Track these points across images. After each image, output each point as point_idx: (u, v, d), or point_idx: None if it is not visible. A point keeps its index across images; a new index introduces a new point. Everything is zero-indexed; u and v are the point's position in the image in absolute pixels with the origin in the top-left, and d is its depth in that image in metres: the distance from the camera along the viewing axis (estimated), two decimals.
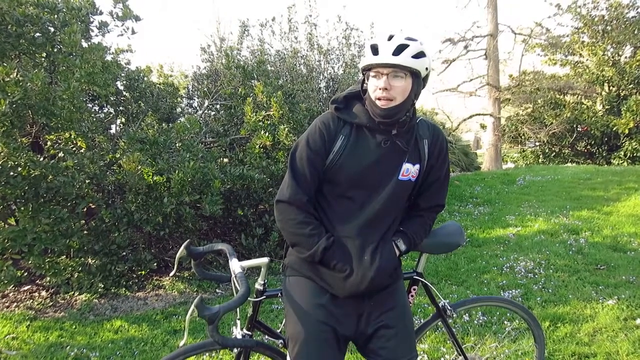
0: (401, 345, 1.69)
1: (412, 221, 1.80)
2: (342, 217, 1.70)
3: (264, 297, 1.81)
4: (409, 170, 1.69)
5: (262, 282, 1.81)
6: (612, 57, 15.40)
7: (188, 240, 1.78)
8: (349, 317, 1.69)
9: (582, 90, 16.01)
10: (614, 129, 13.96)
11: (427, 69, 1.64)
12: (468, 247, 5.29)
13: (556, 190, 8.38)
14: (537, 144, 16.90)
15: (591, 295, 3.76)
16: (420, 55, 1.59)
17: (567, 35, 16.11)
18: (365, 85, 1.68)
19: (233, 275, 1.65)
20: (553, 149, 16.62)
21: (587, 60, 15.91)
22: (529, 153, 17.74)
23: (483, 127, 17.06)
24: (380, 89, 1.58)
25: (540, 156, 17.09)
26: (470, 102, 16.26)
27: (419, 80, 1.63)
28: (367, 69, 1.63)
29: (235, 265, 1.69)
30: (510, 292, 3.87)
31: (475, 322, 3.36)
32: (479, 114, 15.92)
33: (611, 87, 15.64)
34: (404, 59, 1.56)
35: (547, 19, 19.10)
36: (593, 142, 15.70)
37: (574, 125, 15.51)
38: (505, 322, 3.32)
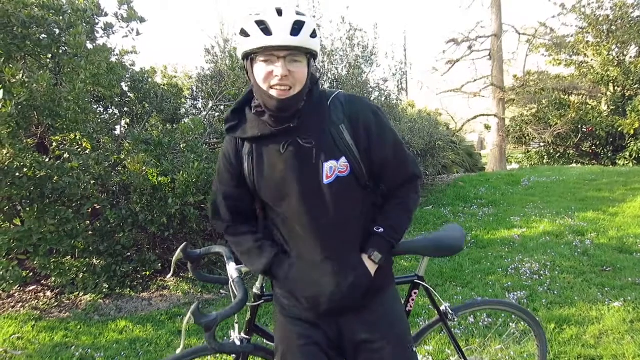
0: (395, 355, 1.53)
1: (388, 209, 1.55)
2: (294, 241, 1.51)
3: (262, 301, 1.75)
4: (334, 168, 1.42)
5: (260, 286, 1.75)
6: (617, 57, 15.32)
7: (185, 243, 1.72)
8: (327, 332, 1.55)
9: (587, 90, 15.93)
10: (619, 129, 13.89)
11: (319, 48, 1.43)
12: (473, 248, 5.27)
13: (561, 192, 8.35)
14: (542, 144, 16.83)
15: (597, 297, 3.74)
16: (314, 34, 1.36)
17: (572, 35, 16.04)
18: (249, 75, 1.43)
19: (231, 280, 1.62)
20: (558, 149, 16.54)
21: (591, 60, 15.83)
22: (533, 154, 17.67)
23: (487, 127, 17.03)
24: (277, 76, 1.32)
25: (545, 157, 17.02)
26: (474, 102, 16.22)
27: (312, 62, 1.41)
28: (253, 52, 1.35)
29: (233, 270, 1.66)
30: (516, 293, 3.85)
31: (480, 324, 3.35)
32: (483, 115, 15.88)
33: (616, 87, 15.56)
34: (304, 39, 1.32)
35: (551, 19, 18.93)
36: (598, 142, 15.62)
37: (579, 126, 15.43)
38: (511, 325, 3.30)
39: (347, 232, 1.50)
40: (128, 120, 5.50)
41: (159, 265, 4.44)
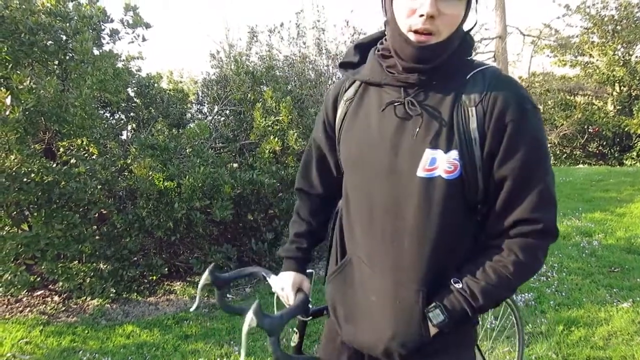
0: None
1: (481, 260, 1.08)
2: (351, 235, 1.20)
3: (310, 317, 1.46)
4: (436, 161, 1.02)
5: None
6: (623, 57, 15.24)
7: (212, 264, 1.42)
8: None
9: (593, 90, 15.87)
10: (626, 129, 13.80)
11: None
12: None
13: (568, 192, 8.30)
14: (548, 145, 16.75)
15: (605, 298, 3.72)
16: None
17: (577, 36, 15.99)
18: (386, 14, 1.09)
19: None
20: (564, 150, 16.46)
21: (597, 60, 15.76)
22: None
23: None
24: (422, 15, 0.98)
25: (552, 158, 16.93)
26: None
27: (469, 7, 1.04)
28: None
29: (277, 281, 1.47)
30: (523, 295, 3.83)
31: (488, 326, 3.33)
32: None
33: (622, 87, 15.48)
34: None
35: (555, 20, 18.95)
36: (605, 143, 15.53)
37: (585, 126, 15.35)
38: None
39: (422, 258, 1.07)
40: (134, 125, 5.53)
41: (166, 269, 4.46)
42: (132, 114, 5.46)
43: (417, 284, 1.08)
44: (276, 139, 4.76)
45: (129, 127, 5.57)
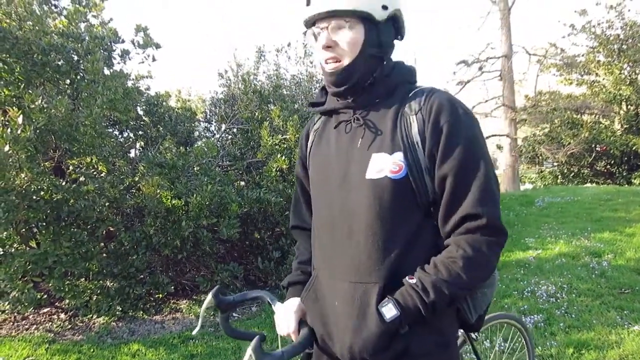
0: None
1: (435, 259, 1.13)
2: (319, 247, 1.29)
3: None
4: (383, 163, 1.12)
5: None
6: (629, 76, 15.27)
7: (217, 287, 1.39)
8: None
9: (600, 109, 15.87)
10: (634, 148, 13.76)
11: (384, 6, 1.15)
12: None
13: (576, 212, 8.24)
14: (555, 164, 16.71)
15: (616, 320, 3.66)
16: None
17: (583, 55, 16.05)
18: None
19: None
20: (572, 169, 16.41)
21: (603, 79, 15.80)
22: (547, 174, 17.53)
23: (499, 148, 16.96)
24: (322, 48, 1.16)
25: (559, 177, 16.88)
26: (485, 123, 16.20)
27: (375, 27, 1.15)
28: (308, 26, 1.21)
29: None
30: (532, 317, 3.78)
31: (497, 348, 3.28)
32: (495, 135, 15.83)
33: (629, 106, 15.47)
34: (339, 1, 1.11)
35: (561, 39, 18.99)
36: (612, 161, 15.47)
37: (593, 145, 15.32)
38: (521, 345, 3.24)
39: (377, 253, 1.13)
40: (142, 143, 5.58)
41: (172, 287, 4.45)
42: (140, 132, 5.51)
43: (374, 278, 1.13)
44: (283, 157, 4.78)
45: (138, 145, 5.61)
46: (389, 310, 1.09)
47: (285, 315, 1.34)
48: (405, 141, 1.13)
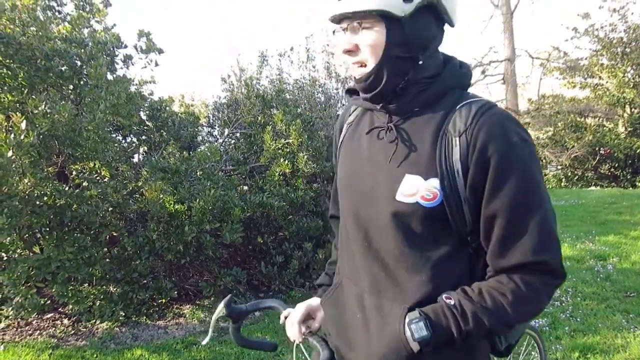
0: None
1: (478, 284, 1.02)
2: (343, 254, 1.23)
3: None
4: (416, 188, 1.00)
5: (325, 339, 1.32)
6: (633, 79, 15.22)
7: (229, 296, 1.34)
8: None
9: (603, 112, 15.82)
10: (638, 151, 13.70)
11: None
12: None
13: (581, 215, 8.20)
14: (559, 167, 16.65)
15: (622, 324, 3.63)
16: None
17: (586, 58, 16.01)
18: None
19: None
20: (576, 172, 16.33)
21: (607, 82, 15.75)
22: (551, 177, 17.47)
23: None
24: (343, 52, 1.05)
25: (563, 180, 16.81)
26: None
27: (399, 24, 0.99)
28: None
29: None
30: (537, 321, 3.75)
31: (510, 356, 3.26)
32: None
33: (633, 109, 15.41)
34: (351, 1, 0.98)
35: (564, 43, 18.96)
36: (617, 164, 15.40)
37: (597, 148, 15.26)
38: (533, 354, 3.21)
39: (406, 281, 1.05)
40: (146, 148, 5.59)
41: (175, 292, 4.44)
42: (143, 137, 5.52)
43: (401, 299, 1.05)
44: (286, 161, 4.78)
45: (141, 150, 5.62)
46: (420, 330, 0.97)
47: (289, 325, 1.30)
48: (443, 166, 0.98)
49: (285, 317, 1.33)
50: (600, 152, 15.28)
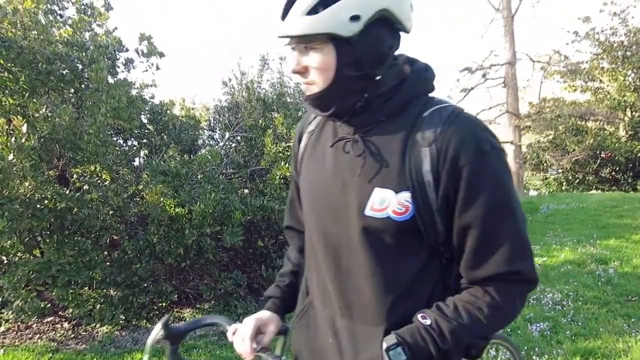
0: None
1: (452, 300, 1.00)
2: (311, 274, 1.15)
3: None
4: (387, 202, 0.96)
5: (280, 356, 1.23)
6: (634, 82, 15.23)
7: (166, 317, 1.26)
8: None
9: (604, 116, 15.81)
10: (639, 154, 13.69)
11: (354, 17, 0.91)
12: None
13: (582, 219, 8.19)
14: (560, 171, 16.64)
15: (623, 328, 3.62)
16: (320, 4, 0.91)
17: (586, 62, 16.02)
18: None
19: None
20: (577, 176, 16.32)
21: (607, 86, 15.76)
22: (552, 180, 17.46)
23: None
24: (292, 72, 1.02)
25: (564, 183, 16.80)
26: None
27: (348, 44, 0.94)
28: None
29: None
30: (538, 325, 3.74)
31: (502, 356, 3.25)
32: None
33: (634, 113, 15.42)
34: (293, 23, 0.93)
35: (565, 46, 18.90)
36: (618, 168, 15.39)
37: (597, 152, 15.26)
38: (534, 358, 3.21)
39: (379, 297, 1.01)
40: (147, 152, 5.59)
41: (175, 296, 4.43)
42: (144, 140, 5.53)
43: (376, 321, 1.01)
44: (287, 165, 4.78)
45: (142, 154, 5.63)
46: (398, 355, 0.94)
47: (238, 342, 1.17)
48: (414, 178, 0.95)
49: (234, 333, 1.20)
50: (601, 155, 15.28)
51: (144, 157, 5.59)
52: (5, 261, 3.97)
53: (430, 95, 1.05)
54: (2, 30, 3.85)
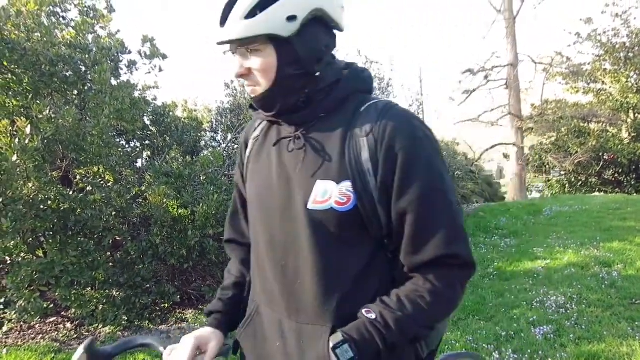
0: None
1: (396, 291, 1.00)
2: (257, 280, 1.14)
3: None
4: (329, 193, 0.98)
5: None
6: (636, 84, 15.20)
7: (90, 339, 1.14)
8: None
9: (607, 117, 15.79)
10: None
11: (291, 17, 0.95)
12: (495, 280, 5.15)
13: (585, 221, 8.17)
14: (563, 173, 16.61)
15: (627, 331, 3.61)
16: (258, 8, 0.95)
17: (589, 63, 16.01)
18: None
19: None
20: (579, 178, 16.29)
21: (610, 87, 15.74)
22: (554, 182, 17.43)
23: (506, 156, 16.91)
24: (236, 77, 1.05)
25: (567, 185, 16.77)
26: (492, 131, 16.19)
27: (287, 43, 0.98)
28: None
29: None
30: (542, 328, 3.73)
31: None
32: (502, 144, 15.79)
33: (636, 114, 15.39)
34: (232, 28, 0.96)
35: (567, 48, 18.89)
36: (621, 170, 15.36)
37: (600, 154, 15.23)
38: None
39: (326, 294, 1.00)
40: (149, 153, 5.60)
41: (178, 297, 4.44)
42: (147, 142, 5.54)
43: (322, 320, 1.00)
44: None
45: (144, 155, 5.64)
46: (345, 353, 0.94)
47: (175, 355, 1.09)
48: (354, 168, 0.98)
49: (170, 354, 1.12)
50: (604, 157, 15.24)
51: (146, 159, 5.60)
52: (9, 261, 3.97)
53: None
54: (5, 33, 3.86)
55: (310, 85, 1.03)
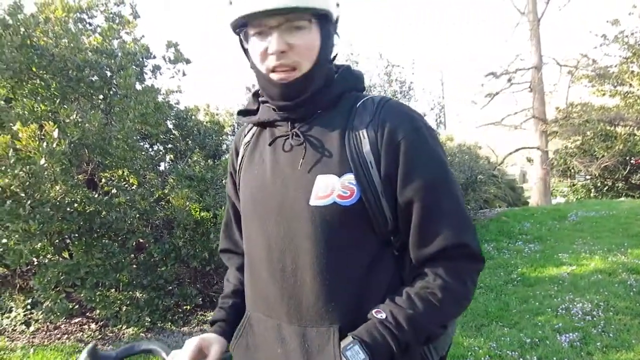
0: None
1: (405, 289, 0.96)
2: (254, 288, 1.09)
3: None
4: (332, 188, 0.95)
5: None
6: None
7: (93, 343, 1.16)
8: None
9: (634, 121, 15.37)
10: None
11: (338, 4, 0.98)
12: (519, 286, 5.06)
13: (612, 227, 7.97)
14: (588, 177, 16.25)
15: None
16: None
17: (615, 66, 15.63)
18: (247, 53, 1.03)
19: None
20: (606, 182, 15.91)
21: (638, 90, 15.35)
22: (579, 187, 17.06)
23: (529, 160, 16.63)
24: (272, 54, 0.94)
25: (592, 190, 16.39)
26: (515, 135, 15.94)
27: (328, 27, 0.98)
28: (242, 24, 0.97)
29: None
30: (567, 335, 3.65)
31: None
32: (525, 148, 15.54)
33: None
34: None
35: (593, 50, 18.51)
36: None
37: (627, 158, 14.85)
38: None
39: (329, 293, 0.96)
40: (172, 156, 5.68)
41: (200, 299, 4.48)
42: (170, 145, 5.62)
43: (327, 321, 0.95)
44: None
45: (167, 158, 5.72)
46: (356, 354, 0.89)
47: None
48: (356, 160, 0.95)
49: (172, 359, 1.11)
50: (631, 161, 14.86)
51: (169, 162, 5.67)
52: (36, 263, 4.07)
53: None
54: (34, 39, 3.97)
55: (324, 77, 1.03)
